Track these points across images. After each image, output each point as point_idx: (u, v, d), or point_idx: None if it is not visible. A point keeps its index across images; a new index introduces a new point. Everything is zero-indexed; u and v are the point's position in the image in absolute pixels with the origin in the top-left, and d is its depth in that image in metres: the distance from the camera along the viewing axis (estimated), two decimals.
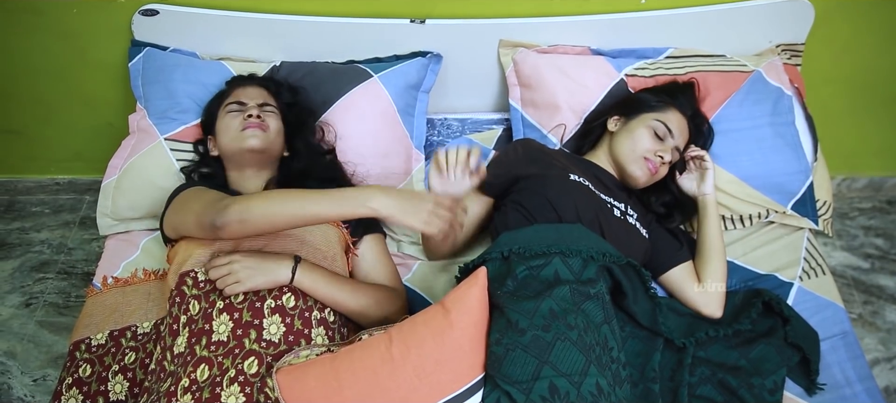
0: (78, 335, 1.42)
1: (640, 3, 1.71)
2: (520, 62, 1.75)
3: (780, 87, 1.64)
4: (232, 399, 1.10)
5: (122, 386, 1.34)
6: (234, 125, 1.45)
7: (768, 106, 1.62)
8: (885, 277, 2.08)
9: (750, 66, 1.67)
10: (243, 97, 1.50)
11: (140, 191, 1.60)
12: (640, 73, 1.68)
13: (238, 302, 1.22)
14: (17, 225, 2.27)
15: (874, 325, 1.98)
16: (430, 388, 1.07)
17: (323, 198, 1.16)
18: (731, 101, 1.62)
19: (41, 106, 2.00)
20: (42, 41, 1.82)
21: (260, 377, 1.13)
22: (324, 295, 1.26)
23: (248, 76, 1.63)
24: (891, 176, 2.25)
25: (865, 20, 1.76)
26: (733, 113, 1.61)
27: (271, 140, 1.46)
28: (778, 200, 1.60)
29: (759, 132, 1.60)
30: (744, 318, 1.36)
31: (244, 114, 1.46)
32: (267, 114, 1.48)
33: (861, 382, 1.34)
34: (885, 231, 2.20)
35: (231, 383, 1.12)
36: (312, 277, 1.24)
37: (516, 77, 1.77)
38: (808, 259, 1.57)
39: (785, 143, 1.60)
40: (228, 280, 1.20)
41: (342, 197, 1.16)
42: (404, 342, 1.09)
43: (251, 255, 1.23)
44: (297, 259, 1.25)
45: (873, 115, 2.03)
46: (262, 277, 1.21)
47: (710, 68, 1.67)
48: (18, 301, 2.07)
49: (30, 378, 1.90)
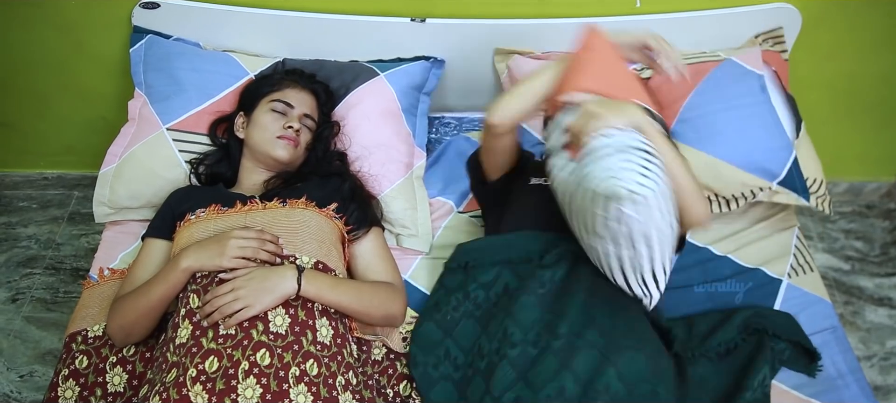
0: (74, 327, 1.41)
1: (636, 6, 1.75)
2: (514, 69, 1.78)
3: (752, 70, 1.63)
4: (249, 390, 1.11)
5: (120, 378, 1.34)
6: (271, 128, 1.47)
7: (739, 87, 1.60)
8: (865, 278, 2.15)
9: (722, 56, 1.68)
10: (292, 100, 1.51)
11: (141, 180, 1.58)
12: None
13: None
14: (4, 220, 2.24)
15: (855, 325, 2.04)
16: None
17: (154, 282, 1.28)
18: (700, 88, 1.60)
19: (35, 98, 1.98)
20: (38, 33, 1.80)
21: (273, 368, 1.14)
22: (329, 299, 1.26)
23: (304, 75, 1.61)
24: (871, 180, 2.32)
25: (851, 26, 1.81)
26: (702, 98, 1.59)
27: (298, 155, 1.50)
28: (762, 178, 1.57)
29: (732, 113, 1.57)
30: (719, 337, 1.36)
31: (285, 122, 1.47)
32: (305, 127, 1.51)
33: (852, 374, 1.38)
34: (865, 234, 2.27)
35: (246, 375, 1.12)
36: (317, 284, 1.25)
37: (511, 84, 1.80)
38: (797, 255, 1.61)
39: (761, 123, 1.57)
40: (236, 306, 1.18)
41: (164, 272, 1.28)
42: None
43: (251, 277, 1.21)
44: (299, 268, 1.25)
45: (854, 121, 2.09)
46: (270, 296, 1.20)
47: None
48: (5, 296, 2.04)
49: (16, 374, 1.87)
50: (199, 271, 1.25)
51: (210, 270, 1.25)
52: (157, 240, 1.39)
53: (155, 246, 1.39)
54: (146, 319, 1.29)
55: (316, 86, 1.60)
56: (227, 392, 1.10)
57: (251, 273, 1.22)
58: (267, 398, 1.10)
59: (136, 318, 1.29)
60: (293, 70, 1.65)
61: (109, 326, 1.32)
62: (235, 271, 1.23)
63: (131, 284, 1.34)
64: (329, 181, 1.48)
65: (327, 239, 1.36)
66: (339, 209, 1.42)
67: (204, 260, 1.24)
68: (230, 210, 1.36)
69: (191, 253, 1.26)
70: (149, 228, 1.43)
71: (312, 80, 1.61)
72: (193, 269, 1.25)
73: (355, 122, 1.64)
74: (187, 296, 1.25)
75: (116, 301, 1.33)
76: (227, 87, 1.66)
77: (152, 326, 1.32)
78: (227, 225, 1.33)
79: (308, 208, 1.38)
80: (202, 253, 1.25)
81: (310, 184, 1.44)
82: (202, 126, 1.61)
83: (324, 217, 1.38)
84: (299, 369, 1.16)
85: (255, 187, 1.49)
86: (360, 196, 1.50)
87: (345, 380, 1.21)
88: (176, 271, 1.25)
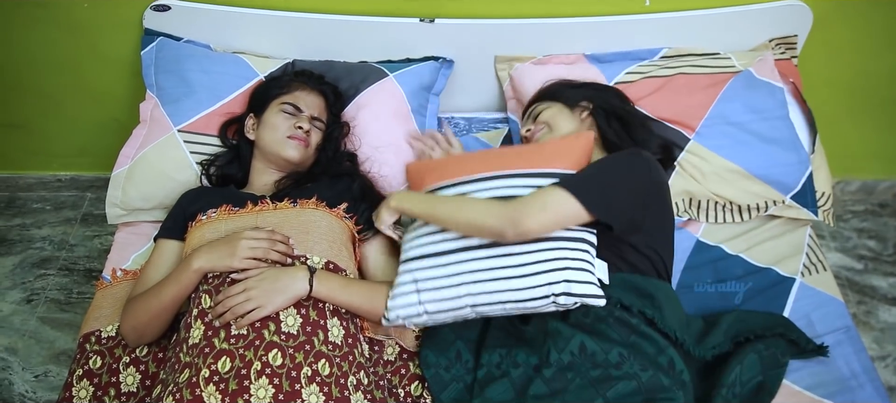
0: (87, 327, 1.42)
1: (645, 4, 1.75)
2: (516, 78, 1.79)
3: (770, 82, 1.66)
4: (262, 391, 1.11)
5: (133, 378, 1.35)
6: (281, 128, 1.48)
7: (759, 101, 1.63)
8: (878, 278, 2.13)
9: (738, 66, 1.70)
10: (301, 103, 1.52)
11: (153, 182, 1.60)
12: (630, 79, 1.70)
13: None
14: (18, 222, 2.26)
15: (868, 325, 2.02)
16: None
17: (166, 283, 1.29)
18: (721, 98, 1.63)
19: (47, 100, 2.00)
20: (50, 34, 1.82)
21: (285, 368, 1.14)
22: (340, 300, 1.27)
23: (313, 77, 1.62)
24: (884, 179, 2.29)
25: (863, 24, 1.80)
26: (724, 109, 1.62)
27: (309, 155, 1.51)
28: (777, 190, 1.61)
29: (753, 127, 1.61)
30: (710, 342, 1.31)
31: (295, 122, 1.48)
32: (315, 128, 1.52)
33: (866, 374, 1.37)
34: (878, 233, 2.25)
35: (259, 376, 1.12)
36: (328, 285, 1.25)
37: (512, 91, 1.81)
38: (810, 254, 1.60)
39: (780, 137, 1.61)
40: (248, 306, 1.19)
41: (176, 273, 1.28)
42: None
43: (263, 278, 1.22)
44: (311, 269, 1.26)
45: (868, 119, 2.07)
46: (282, 296, 1.21)
47: (700, 70, 1.69)
48: (19, 297, 2.06)
49: (31, 374, 1.89)
50: (211, 272, 1.26)
51: (221, 271, 1.26)
52: (169, 241, 1.40)
53: (167, 247, 1.40)
54: (159, 320, 1.30)
55: (324, 87, 1.60)
56: (239, 393, 1.10)
57: (263, 273, 1.23)
58: (279, 398, 1.11)
59: (149, 319, 1.30)
60: (302, 72, 1.66)
61: (122, 327, 1.33)
62: (247, 271, 1.24)
63: (144, 285, 1.35)
64: (339, 181, 1.49)
65: (338, 239, 1.37)
66: (349, 209, 1.42)
67: (215, 260, 1.25)
68: (241, 210, 1.37)
69: (202, 254, 1.26)
70: (161, 229, 1.44)
71: (321, 82, 1.61)
72: (205, 270, 1.26)
73: (365, 123, 1.64)
74: (199, 297, 1.26)
75: (129, 302, 1.34)
76: (237, 89, 1.67)
77: (164, 327, 1.33)
78: (238, 225, 1.34)
79: (318, 208, 1.38)
80: (213, 254, 1.26)
81: (320, 185, 1.45)
82: (213, 127, 1.62)
83: (334, 217, 1.39)
84: (311, 369, 1.16)
85: (266, 188, 1.50)
86: (371, 196, 1.50)
87: (356, 380, 1.21)
88: (187, 272, 1.26)
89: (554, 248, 1.22)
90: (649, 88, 1.68)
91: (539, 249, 1.22)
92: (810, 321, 1.47)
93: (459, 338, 1.36)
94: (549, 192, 1.24)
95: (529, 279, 1.21)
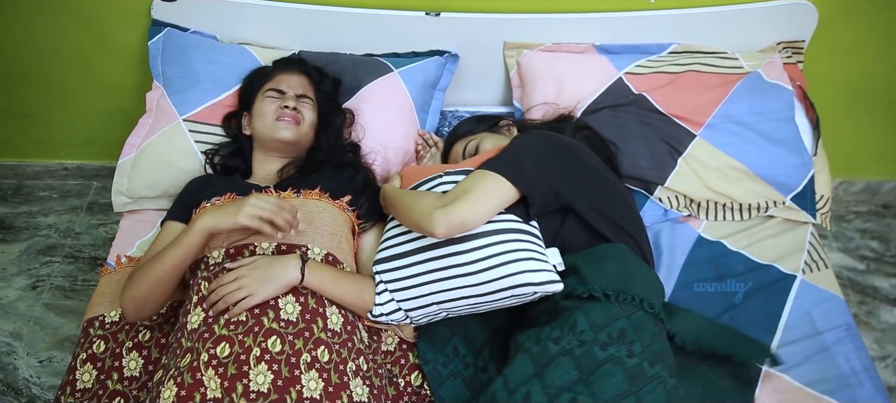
0: (91, 312, 1.43)
1: (650, 2, 1.75)
2: (523, 65, 1.78)
3: (779, 84, 1.68)
4: (261, 376, 1.12)
5: (136, 363, 1.36)
6: (269, 112, 1.49)
7: (767, 103, 1.64)
8: (880, 278, 2.13)
9: (747, 67, 1.71)
10: (283, 85, 1.53)
11: (158, 170, 1.61)
12: (640, 71, 1.70)
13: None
14: (25, 209, 2.28)
15: (869, 325, 2.02)
16: None
17: (169, 248, 1.26)
18: (730, 98, 1.64)
19: (54, 89, 2.02)
20: (59, 24, 1.84)
21: (284, 355, 1.15)
22: (330, 291, 1.26)
23: (292, 61, 1.63)
24: (887, 180, 2.29)
25: (867, 25, 1.79)
26: (732, 109, 1.63)
27: (304, 133, 1.51)
28: (778, 191, 1.63)
29: (759, 127, 1.62)
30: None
31: (281, 103, 1.49)
32: (303, 105, 1.52)
33: (866, 371, 1.37)
34: (881, 234, 2.25)
35: (258, 361, 1.13)
36: (320, 276, 1.25)
37: (519, 78, 1.80)
38: (811, 251, 1.60)
39: (785, 138, 1.62)
40: (239, 294, 1.19)
41: (179, 237, 1.26)
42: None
43: (255, 265, 1.23)
44: (303, 257, 1.26)
45: (872, 120, 2.07)
46: (273, 284, 1.21)
47: (710, 69, 1.70)
48: (25, 283, 2.08)
49: (36, 360, 1.91)
50: (215, 229, 1.24)
51: (226, 229, 1.24)
52: (176, 223, 1.40)
53: (174, 228, 1.40)
54: (158, 288, 1.26)
55: (306, 67, 1.62)
56: (238, 378, 1.11)
57: (255, 261, 1.24)
58: (278, 383, 1.12)
59: (150, 286, 1.25)
60: (281, 58, 1.67)
61: (122, 299, 1.29)
62: (241, 261, 1.25)
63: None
64: (342, 172, 1.50)
65: (339, 230, 1.38)
66: (351, 201, 1.43)
67: (219, 219, 1.24)
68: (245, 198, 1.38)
69: (207, 214, 1.25)
70: (168, 213, 1.44)
71: (302, 63, 1.63)
72: (208, 228, 1.24)
73: (368, 117, 1.65)
74: (198, 283, 1.27)
75: (130, 275, 1.32)
76: (242, 80, 1.68)
77: (163, 300, 1.29)
78: None
79: (322, 199, 1.39)
80: (219, 213, 1.24)
81: (323, 175, 1.46)
82: (217, 117, 1.64)
83: (337, 208, 1.40)
84: (310, 356, 1.17)
85: (270, 177, 1.51)
86: (372, 188, 1.51)
87: (355, 366, 1.22)
88: (192, 232, 1.24)
89: (503, 242, 1.22)
90: (658, 82, 1.68)
91: (489, 244, 1.22)
92: (811, 318, 1.47)
93: (455, 335, 1.37)
94: (466, 179, 1.27)
95: (486, 274, 1.21)
